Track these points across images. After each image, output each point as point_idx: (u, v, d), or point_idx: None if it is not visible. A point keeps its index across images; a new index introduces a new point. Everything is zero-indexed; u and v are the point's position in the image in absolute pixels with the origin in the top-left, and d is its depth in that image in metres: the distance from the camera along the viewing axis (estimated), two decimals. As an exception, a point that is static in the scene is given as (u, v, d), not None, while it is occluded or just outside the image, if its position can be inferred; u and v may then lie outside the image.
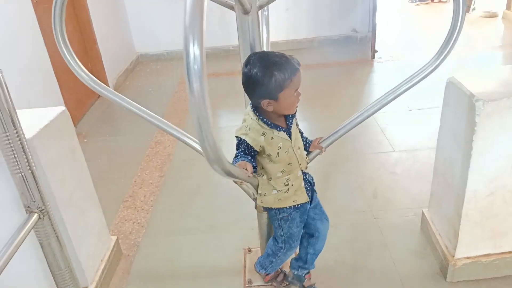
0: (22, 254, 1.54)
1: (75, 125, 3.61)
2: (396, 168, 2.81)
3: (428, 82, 1.86)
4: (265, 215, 1.87)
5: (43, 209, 1.59)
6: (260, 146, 1.45)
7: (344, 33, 5.55)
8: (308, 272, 1.90)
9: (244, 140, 1.43)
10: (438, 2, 7.66)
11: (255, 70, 1.33)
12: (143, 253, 2.24)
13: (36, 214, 1.54)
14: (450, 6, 7.33)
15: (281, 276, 1.95)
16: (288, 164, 1.52)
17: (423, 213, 2.17)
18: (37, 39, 3.25)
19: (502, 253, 1.87)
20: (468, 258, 1.86)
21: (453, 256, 1.87)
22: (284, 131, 1.48)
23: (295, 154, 1.53)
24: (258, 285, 1.96)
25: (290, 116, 1.50)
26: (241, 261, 2.11)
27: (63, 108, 1.79)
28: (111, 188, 2.82)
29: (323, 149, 1.69)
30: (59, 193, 1.70)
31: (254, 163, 1.46)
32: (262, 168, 1.54)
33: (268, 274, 1.94)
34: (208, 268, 2.12)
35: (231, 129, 1.81)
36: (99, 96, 4.44)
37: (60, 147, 1.77)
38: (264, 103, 1.38)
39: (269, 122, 1.45)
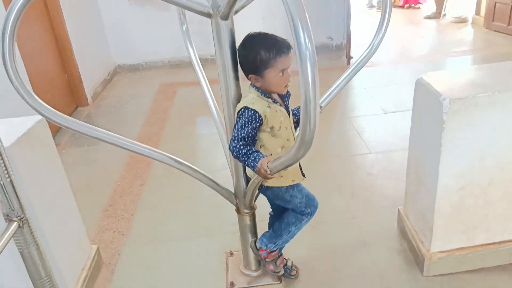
0: (2, 263, 1.53)
1: (53, 136, 3.57)
2: (372, 169, 2.88)
3: (401, 86, 1.94)
4: (246, 218, 1.90)
5: (22, 218, 1.58)
6: (265, 116, 1.51)
7: (320, 40, 5.66)
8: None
9: (251, 109, 1.48)
10: (408, 8, 7.89)
11: (245, 48, 1.49)
12: (124, 261, 2.24)
13: (16, 223, 1.53)
14: (419, 12, 7.48)
15: (280, 260, 1.92)
16: (287, 140, 1.59)
17: (399, 210, 2.24)
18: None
19: (475, 246, 1.94)
20: (442, 252, 1.93)
21: (429, 251, 1.94)
22: (284, 108, 1.57)
23: (292, 132, 1.61)
24: (240, 288, 1.98)
25: (285, 96, 1.60)
26: (223, 264, 2.13)
27: (40, 116, 1.79)
28: (91, 197, 2.80)
29: (321, 109, 1.76)
30: (38, 201, 1.69)
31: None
32: (262, 146, 1.57)
33: (271, 252, 1.87)
34: (190, 273, 2.13)
35: (211, 137, 1.85)
36: (76, 106, 4.42)
37: (38, 155, 1.77)
38: (252, 78, 1.52)
39: (270, 97, 1.54)
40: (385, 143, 3.20)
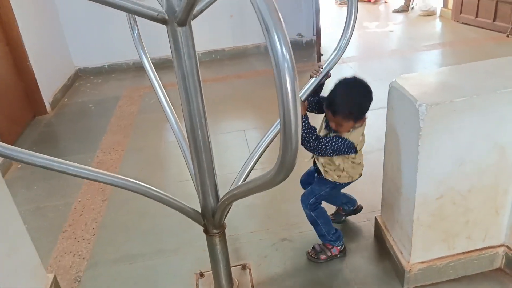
0: None
1: (7, 149, 3.32)
2: (347, 172, 2.78)
3: (372, 83, 1.87)
4: (216, 238, 1.74)
5: (-43, 256, 1.40)
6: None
7: (289, 38, 5.55)
8: None
9: None
10: (373, 2, 7.89)
11: None
12: None
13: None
14: (388, 6, 7.38)
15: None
16: None
17: (376, 218, 2.14)
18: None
19: (456, 254, 1.86)
20: (423, 262, 1.84)
21: (408, 262, 1.84)
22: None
23: None
24: (212, 312, 1.84)
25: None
26: (192, 287, 1.98)
27: (-23, 138, 1.59)
28: (49, 217, 2.59)
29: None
30: (-22, 234, 1.50)
31: None
32: None
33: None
34: (158, 297, 1.98)
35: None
36: (34, 115, 4.15)
37: (-24, 182, 1.57)
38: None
39: None
40: (359, 144, 3.10)
